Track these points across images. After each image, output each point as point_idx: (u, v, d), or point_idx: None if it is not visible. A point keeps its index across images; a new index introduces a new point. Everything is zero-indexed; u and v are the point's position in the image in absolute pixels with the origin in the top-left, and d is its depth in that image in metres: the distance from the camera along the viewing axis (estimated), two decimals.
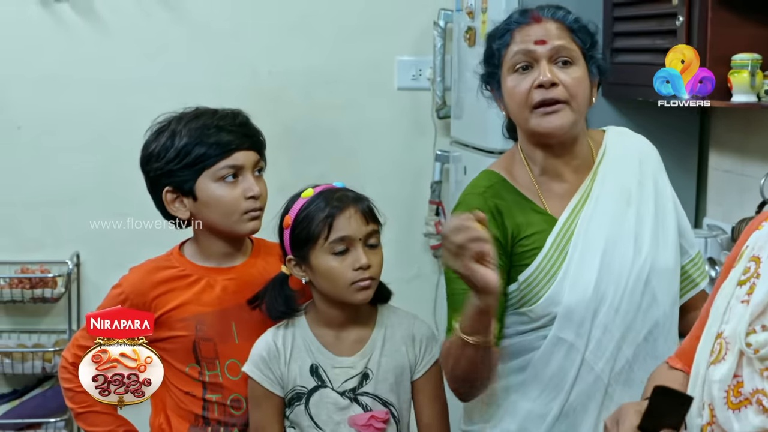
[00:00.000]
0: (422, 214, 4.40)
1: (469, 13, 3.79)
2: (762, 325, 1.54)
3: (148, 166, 2.44)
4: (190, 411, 2.43)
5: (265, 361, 2.33)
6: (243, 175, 2.41)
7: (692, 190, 3.56)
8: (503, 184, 2.29)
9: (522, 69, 2.23)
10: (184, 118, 2.43)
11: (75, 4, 4.25)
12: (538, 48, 2.21)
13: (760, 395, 1.49)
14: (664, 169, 2.38)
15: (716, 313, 1.64)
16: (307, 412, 2.32)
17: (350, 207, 2.29)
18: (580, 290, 2.20)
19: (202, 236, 2.47)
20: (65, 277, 4.20)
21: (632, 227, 2.27)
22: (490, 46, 2.30)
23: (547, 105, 2.20)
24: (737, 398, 1.53)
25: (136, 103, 4.16)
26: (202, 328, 2.41)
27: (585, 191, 2.28)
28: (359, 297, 2.30)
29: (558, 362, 2.22)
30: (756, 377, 1.51)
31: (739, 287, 1.61)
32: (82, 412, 2.48)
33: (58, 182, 4.29)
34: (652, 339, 2.25)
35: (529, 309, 2.23)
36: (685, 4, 2.81)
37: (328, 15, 4.37)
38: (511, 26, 2.26)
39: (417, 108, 4.44)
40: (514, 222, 2.24)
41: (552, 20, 2.24)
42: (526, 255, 2.23)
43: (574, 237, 2.24)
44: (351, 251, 2.28)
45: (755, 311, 1.55)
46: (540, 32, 2.23)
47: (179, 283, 2.44)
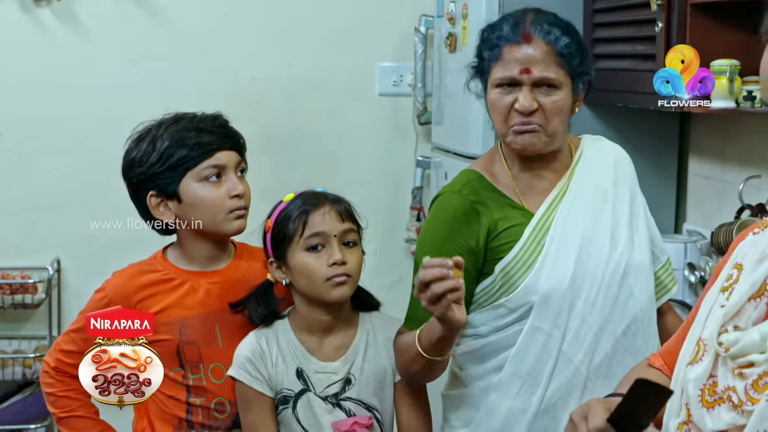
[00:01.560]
0: (403, 220, 4.41)
1: (449, 19, 3.80)
2: (734, 325, 1.58)
3: (131, 172, 2.44)
4: (174, 415, 2.43)
5: (251, 362, 2.33)
6: (226, 174, 2.42)
7: (672, 196, 3.58)
8: (481, 181, 2.33)
9: (506, 85, 2.26)
10: (164, 123, 2.45)
11: (56, 10, 4.24)
12: (522, 77, 2.23)
13: (731, 392, 1.52)
14: (636, 179, 2.42)
15: (700, 318, 1.67)
16: (294, 416, 2.33)
17: (326, 205, 2.32)
18: (557, 279, 2.24)
19: (186, 240, 2.48)
20: (46, 282, 4.19)
21: (609, 224, 2.31)
22: (480, 49, 2.33)
23: (523, 124, 2.25)
24: (712, 397, 1.56)
25: (117, 109, 4.16)
26: (186, 332, 2.41)
27: (562, 188, 2.33)
28: (335, 294, 2.31)
29: (535, 354, 2.25)
30: (729, 375, 1.54)
31: (722, 293, 1.64)
32: (64, 416, 2.48)
33: (39, 188, 4.27)
34: (631, 334, 2.28)
35: (506, 299, 2.26)
36: (664, 10, 2.82)
37: (309, 21, 4.38)
38: (500, 42, 2.26)
39: (398, 114, 4.45)
40: (491, 218, 2.27)
41: (542, 41, 2.24)
42: (502, 248, 2.27)
43: (551, 230, 2.27)
44: (326, 247, 2.30)
45: (729, 312, 1.59)
46: (527, 56, 2.23)
47: (163, 286, 2.44)
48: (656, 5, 2.84)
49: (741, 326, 1.57)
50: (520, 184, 2.33)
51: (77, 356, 2.44)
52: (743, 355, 1.52)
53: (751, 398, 1.49)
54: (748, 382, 1.50)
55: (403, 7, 4.35)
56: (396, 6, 4.38)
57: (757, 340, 1.50)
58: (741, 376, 1.52)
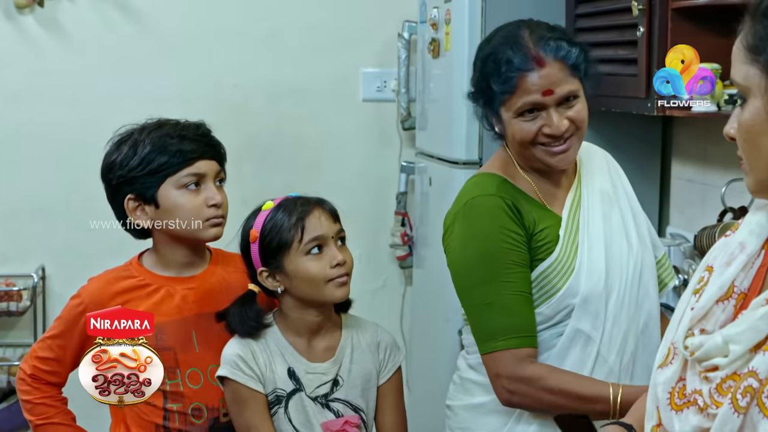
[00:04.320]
0: (388, 225, 4.42)
1: (433, 25, 3.81)
2: (701, 328, 1.58)
3: (111, 174, 2.44)
4: (151, 421, 2.42)
5: (243, 360, 2.32)
6: (205, 183, 2.43)
7: (655, 199, 3.59)
8: (507, 184, 2.31)
9: (528, 113, 2.24)
10: (147, 128, 2.45)
11: (39, 17, 4.24)
12: (546, 99, 2.22)
13: (697, 395, 1.53)
14: (626, 177, 2.45)
15: (673, 321, 1.68)
16: (286, 416, 2.33)
17: (317, 208, 2.33)
18: (594, 280, 2.25)
19: (162, 245, 2.48)
20: (30, 290, 4.18)
21: (620, 224, 2.34)
22: (487, 80, 2.26)
23: (556, 139, 2.24)
24: (681, 400, 1.57)
25: (101, 116, 4.15)
26: (162, 337, 2.40)
27: (575, 193, 2.34)
28: (338, 294, 2.32)
29: (575, 356, 2.24)
30: (696, 379, 1.54)
31: (693, 296, 1.65)
32: (41, 423, 2.49)
33: (24, 195, 4.27)
34: (648, 332, 2.30)
35: (547, 304, 2.25)
36: (646, 15, 2.84)
37: (292, 28, 4.38)
38: (514, 73, 2.21)
39: (382, 119, 4.46)
40: (529, 217, 2.26)
41: (554, 60, 2.22)
42: (541, 249, 2.26)
43: (579, 232, 2.29)
44: (325, 250, 2.31)
45: (696, 315, 1.59)
46: (546, 79, 2.21)
47: (138, 293, 2.44)
48: (637, 10, 2.86)
49: (708, 329, 1.58)
50: (540, 189, 2.33)
51: (53, 363, 2.46)
52: (708, 359, 1.52)
53: (715, 401, 1.49)
54: (713, 386, 1.50)
55: (386, 13, 4.36)
56: (379, 12, 4.39)
57: (720, 343, 1.50)
58: (706, 379, 1.52)
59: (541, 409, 2.22)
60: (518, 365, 2.19)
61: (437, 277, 3.77)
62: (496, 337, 2.21)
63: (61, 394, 2.51)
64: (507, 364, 2.20)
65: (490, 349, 2.22)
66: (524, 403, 2.22)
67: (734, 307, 1.58)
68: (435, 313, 3.79)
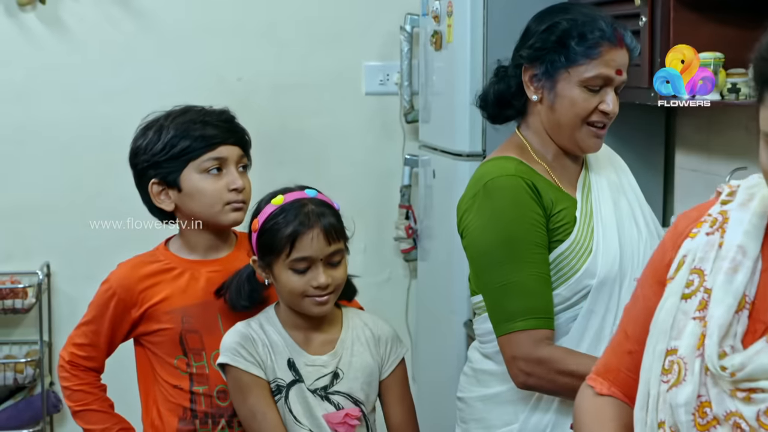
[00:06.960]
0: (392, 218, 4.42)
1: (435, 18, 3.81)
2: (730, 345, 1.48)
3: (136, 159, 2.49)
4: (179, 404, 2.45)
5: (243, 347, 2.32)
6: (227, 168, 2.46)
7: (659, 189, 3.59)
8: (524, 166, 2.31)
9: (591, 87, 2.26)
10: (172, 114, 2.50)
11: (41, 14, 4.24)
12: (617, 77, 2.26)
13: (737, 418, 1.44)
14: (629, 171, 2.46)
15: (661, 328, 1.57)
16: (287, 406, 2.33)
17: (315, 227, 2.28)
18: (610, 262, 2.25)
19: (187, 230, 2.51)
20: (36, 287, 4.18)
21: (628, 210, 2.35)
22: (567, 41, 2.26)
23: (606, 119, 2.28)
24: (704, 419, 1.48)
25: (104, 112, 4.17)
26: (188, 320, 2.44)
27: (585, 179, 2.36)
28: (315, 310, 2.33)
29: (591, 338, 2.24)
30: (726, 398, 1.45)
31: (684, 302, 1.55)
32: (80, 410, 2.53)
33: (28, 192, 4.27)
34: None
35: (565, 286, 2.25)
36: (648, 4, 2.84)
37: (295, 22, 4.38)
38: (602, 40, 2.24)
39: (385, 112, 4.46)
40: (547, 197, 2.27)
41: (626, 48, 2.29)
42: (559, 230, 2.26)
43: (594, 214, 2.29)
44: (311, 269, 2.30)
45: (721, 331, 1.49)
46: (622, 59, 2.27)
47: (164, 276, 2.48)
48: (640, 0, 2.85)
49: (734, 345, 1.48)
50: (554, 172, 2.33)
51: (89, 348, 2.50)
52: (752, 380, 1.43)
53: (764, 425, 1.40)
54: (761, 409, 1.41)
55: (388, 6, 4.36)
56: (381, 5, 4.38)
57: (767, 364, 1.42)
58: (748, 400, 1.43)
59: (557, 391, 2.21)
60: (535, 347, 2.18)
61: (442, 269, 3.77)
62: (515, 318, 2.20)
63: (99, 381, 2.55)
64: (524, 345, 2.19)
65: (508, 330, 2.21)
66: (540, 385, 2.22)
67: (748, 318, 1.49)
68: (440, 305, 3.79)
